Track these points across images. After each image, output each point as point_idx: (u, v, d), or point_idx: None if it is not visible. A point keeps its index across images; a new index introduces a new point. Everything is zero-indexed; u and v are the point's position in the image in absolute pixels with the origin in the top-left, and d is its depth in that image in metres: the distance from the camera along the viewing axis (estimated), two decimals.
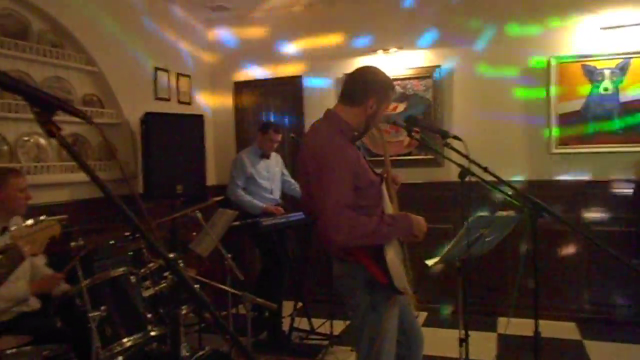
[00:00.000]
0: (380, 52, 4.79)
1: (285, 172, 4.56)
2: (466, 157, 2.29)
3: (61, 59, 3.75)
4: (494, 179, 2.32)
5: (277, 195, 4.42)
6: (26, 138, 3.48)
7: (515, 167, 4.48)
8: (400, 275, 2.08)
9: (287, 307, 4.36)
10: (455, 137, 2.34)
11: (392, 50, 4.76)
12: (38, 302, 2.82)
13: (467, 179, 2.60)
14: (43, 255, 2.81)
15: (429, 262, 2.43)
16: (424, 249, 3.23)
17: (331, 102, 4.34)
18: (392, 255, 2.08)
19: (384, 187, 2.26)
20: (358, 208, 2.07)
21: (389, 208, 2.24)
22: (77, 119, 3.59)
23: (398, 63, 4.76)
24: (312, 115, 5.02)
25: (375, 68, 2.27)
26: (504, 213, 2.57)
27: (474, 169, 2.36)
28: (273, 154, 4.42)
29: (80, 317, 2.07)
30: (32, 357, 2.12)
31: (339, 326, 4.15)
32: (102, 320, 2.00)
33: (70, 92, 3.85)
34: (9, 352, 2.16)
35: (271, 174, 4.39)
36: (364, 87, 2.20)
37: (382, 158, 2.37)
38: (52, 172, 3.60)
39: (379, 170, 2.29)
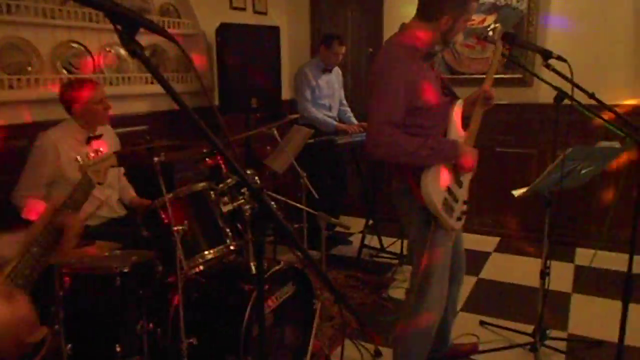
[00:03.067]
0: None
1: (342, 91, 4.43)
2: (570, 81, 2.07)
3: None
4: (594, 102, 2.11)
5: (335, 112, 4.32)
6: (108, 49, 3.52)
7: (621, 90, 3.94)
8: (432, 200, 2.04)
9: (358, 224, 4.41)
10: (560, 58, 2.10)
11: None
12: (123, 209, 2.98)
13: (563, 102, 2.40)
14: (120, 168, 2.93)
15: (516, 193, 2.30)
16: (508, 175, 3.06)
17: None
18: (430, 179, 2.04)
19: (454, 109, 2.19)
20: (414, 127, 2.05)
21: (455, 132, 2.18)
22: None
23: None
24: (393, 29, 4.73)
25: None
26: (606, 143, 2.35)
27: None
28: (335, 69, 4.28)
29: (164, 228, 2.16)
30: (122, 261, 2.25)
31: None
32: (185, 232, 2.07)
33: (147, 1, 3.82)
34: (101, 256, 2.31)
35: (331, 90, 4.28)
36: (437, 3, 2.03)
37: (465, 76, 2.23)
38: (132, 83, 3.66)
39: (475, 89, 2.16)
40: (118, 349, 2.18)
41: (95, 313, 2.20)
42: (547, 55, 2.09)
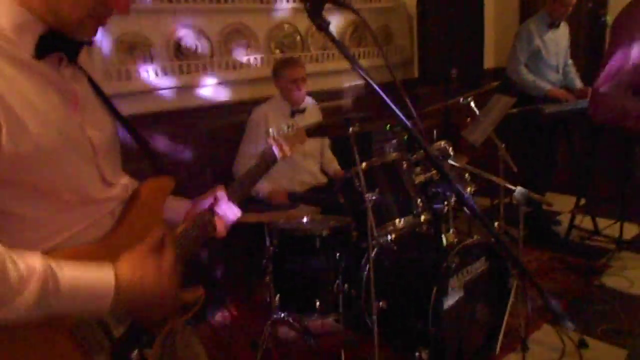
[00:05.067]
0: None
1: (568, 50, 3.90)
2: None
3: None
4: None
5: (569, 73, 3.88)
6: (314, 29, 3.76)
7: None
8: None
9: (569, 202, 4.01)
10: None
11: None
12: (324, 178, 3.20)
13: None
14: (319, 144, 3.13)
15: None
16: None
17: None
18: None
19: None
20: None
21: None
22: (356, 4, 3.65)
23: None
24: None
25: None
26: None
27: None
28: (562, 24, 3.81)
29: (358, 196, 2.27)
30: (322, 225, 2.44)
31: (630, 230, 3.65)
32: (377, 200, 2.15)
33: None
34: (305, 219, 2.54)
35: (559, 48, 3.82)
36: None
37: None
38: (335, 59, 3.86)
39: None
40: (317, 305, 2.38)
41: (298, 270, 2.44)
42: None
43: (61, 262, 0.86)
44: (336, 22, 3.86)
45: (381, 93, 1.04)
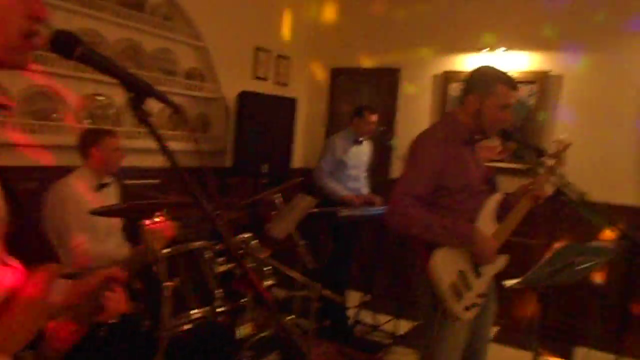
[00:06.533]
0: (485, 51, 4.54)
1: (368, 164, 4.47)
2: (562, 179, 2.13)
3: (171, 31, 3.93)
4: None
5: (361, 183, 4.38)
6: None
7: (626, 189, 3.99)
8: (438, 279, 2.00)
9: (356, 298, 4.36)
10: (553, 155, 2.18)
11: (500, 50, 4.50)
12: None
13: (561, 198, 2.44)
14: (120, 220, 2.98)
15: (507, 283, 2.29)
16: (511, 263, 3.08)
17: (426, 100, 4.12)
18: (441, 260, 2.02)
19: (490, 201, 2.17)
20: (443, 208, 2.06)
21: (485, 222, 2.15)
22: (178, 91, 3.68)
23: (504, 65, 4.49)
24: (405, 112, 4.89)
25: (488, 65, 2.19)
26: (599, 243, 2.37)
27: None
28: (365, 142, 4.34)
29: (155, 283, 2.18)
30: None
31: (405, 325, 4.09)
32: (174, 289, 2.10)
33: (175, 64, 4.04)
34: None
35: (361, 162, 4.34)
36: (466, 83, 2.13)
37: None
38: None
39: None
40: None
41: None
42: (540, 153, 2.17)
43: None
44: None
45: (185, 177, 1.06)
